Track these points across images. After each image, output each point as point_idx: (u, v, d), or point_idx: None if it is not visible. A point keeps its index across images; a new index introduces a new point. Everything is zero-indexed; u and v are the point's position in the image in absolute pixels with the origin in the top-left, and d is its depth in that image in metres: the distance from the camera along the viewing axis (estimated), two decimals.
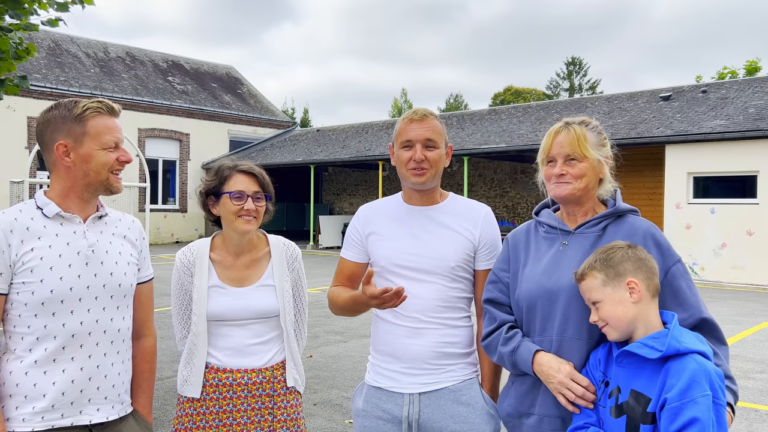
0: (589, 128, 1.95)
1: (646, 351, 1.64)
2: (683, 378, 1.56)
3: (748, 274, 13.12)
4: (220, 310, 2.21)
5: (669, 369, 1.61)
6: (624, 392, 1.68)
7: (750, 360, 6.73)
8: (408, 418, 2.09)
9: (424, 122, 2.13)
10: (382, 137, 21.87)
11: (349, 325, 8.35)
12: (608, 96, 19.84)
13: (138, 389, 2.05)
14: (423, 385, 2.10)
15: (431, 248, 2.13)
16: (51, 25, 5.46)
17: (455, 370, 2.13)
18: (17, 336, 1.81)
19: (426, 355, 2.10)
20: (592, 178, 1.91)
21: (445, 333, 2.12)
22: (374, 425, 2.15)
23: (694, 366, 1.58)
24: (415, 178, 2.12)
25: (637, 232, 1.86)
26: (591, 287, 1.74)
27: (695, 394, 1.54)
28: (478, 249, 2.16)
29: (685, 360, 1.60)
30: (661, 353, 1.61)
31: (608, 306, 1.71)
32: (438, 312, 2.12)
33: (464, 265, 2.14)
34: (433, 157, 2.12)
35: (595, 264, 1.75)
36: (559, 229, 1.96)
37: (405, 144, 2.14)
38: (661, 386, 1.61)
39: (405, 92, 57.83)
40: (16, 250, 1.78)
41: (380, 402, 2.15)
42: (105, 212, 1.97)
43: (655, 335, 1.67)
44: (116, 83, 22.85)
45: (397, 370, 2.14)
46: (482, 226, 2.18)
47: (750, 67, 30.44)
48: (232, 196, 2.20)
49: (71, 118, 1.85)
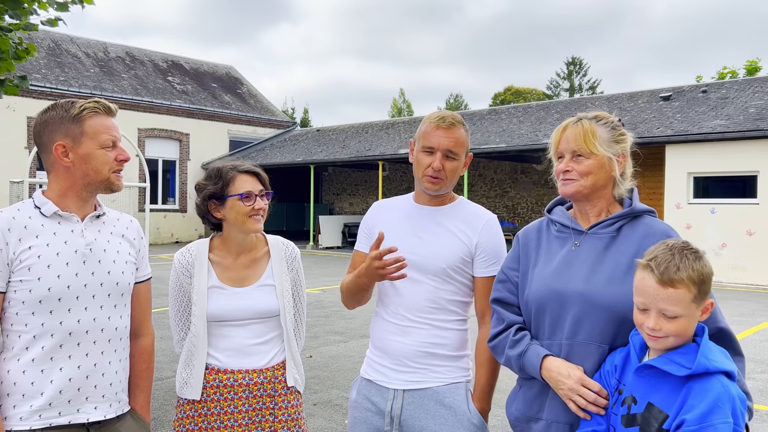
0: (601, 123, 1.85)
1: (673, 368, 1.54)
2: (706, 401, 1.47)
3: (748, 274, 13.11)
4: (220, 311, 2.21)
5: (692, 388, 1.51)
6: (640, 403, 1.61)
7: (750, 360, 6.72)
8: (390, 413, 2.11)
9: (450, 131, 2.11)
10: (382, 137, 21.86)
11: (349, 325, 8.35)
12: (608, 96, 19.84)
13: (136, 388, 2.05)
14: (407, 383, 2.12)
15: (425, 247, 2.14)
16: (50, 25, 5.46)
17: (442, 372, 2.12)
18: (15, 334, 1.80)
19: (411, 353, 2.11)
20: (600, 176, 1.83)
21: (433, 334, 2.11)
22: (363, 416, 2.18)
23: (719, 390, 1.48)
24: (429, 185, 2.13)
25: (654, 234, 1.78)
26: (680, 299, 1.55)
27: (716, 420, 1.46)
28: (475, 255, 2.14)
29: (711, 381, 1.50)
30: (689, 371, 1.51)
31: (685, 323, 1.57)
32: (426, 312, 2.12)
33: (457, 268, 2.13)
34: (452, 167, 2.12)
35: (692, 274, 1.56)
36: (571, 228, 1.89)
37: (427, 149, 2.12)
38: (681, 404, 1.52)
39: (403, 92, 57.88)
40: (13, 248, 1.78)
41: (369, 394, 2.18)
42: (103, 211, 1.97)
43: (682, 351, 1.57)
44: (116, 83, 22.85)
45: (385, 365, 2.16)
46: (481, 233, 2.15)
47: (750, 67, 30.44)
48: (243, 197, 2.19)
49: (69, 118, 1.85)
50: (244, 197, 2.19)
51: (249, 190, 2.20)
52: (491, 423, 4.53)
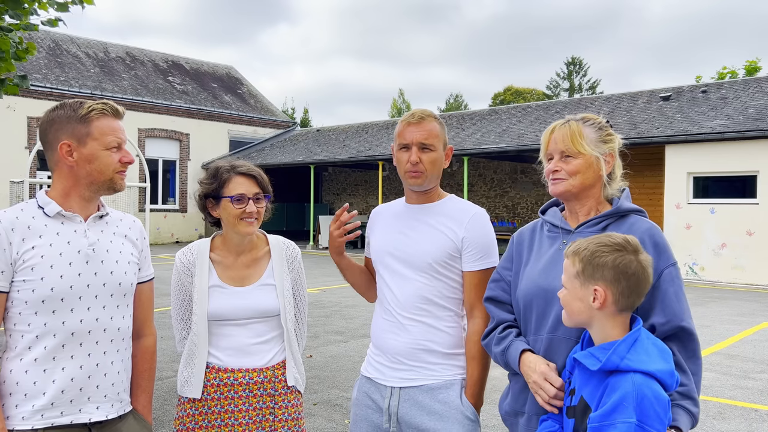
0: (588, 124, 1.92)
1: (590, 362, 1.60)
2: (612, 398, 1.50)
3: (748, 274, 13.12)
4: (221, 310, 2.21)
5: (608, 384, 1.55)
6: (576, 396, 1.66)
7: (750, 360, 6.73)
8: (388, 410, 2.15)
9: (421, 125, 2.16)
10: (382, 137, 21.87)
11: (349, 325, 8.35)
12: (608, 96, 19.85)
13: (138, 388, 2.05)
14: (402, 380, 2.15)
15: (411, 244, 2.18)
16: (51, 25, 5.46)
17: (437, 370, 2.14)
18: (17, 334, 1.81)
19: (405, 351, 2.14)
20: (588, 176, 1.88)
21: (426, 331, 2.14)
22: (363, 414, 2.21)
23: (628, 388, 1.49)
24: (412, 180, 2.18)
25: (636, 233, 1.81)
26: (566, 269, 1.70)
27: (617, 418, 1.47)
28: (462, 249, 2.16)
29: (623, 379, 1.52)
30: (599, 365, 1.56)
31: (569, 296, 1.68)
32: (418, 309, 2.15)
33: (444, 263, 2.15)
34: (429, 159, 2.15)
35: (583, 252, 1.65)
36: (560, 228, 1.95)
37: (402, 146, 2.19)
38: (599, 399, 1.56)
39: (402, 93, 57.86)
40: (17, 248, 1.78)
41: (369, 392, 2.22)
42: (106, 212, 1.98)
43: (605, 346, 1.61)
44: (116, 83, 22.85)
45: (382, 362, 2.21)
46: (467, 227, 2.16)
47: (750, 67, 30.45)
48: (234, 200, 2.19)
49: (76, 118, 1.85)
50: (235, 200, 2.19)
51: (242, 193, 2.20)
52: (491, 423, 4.53)
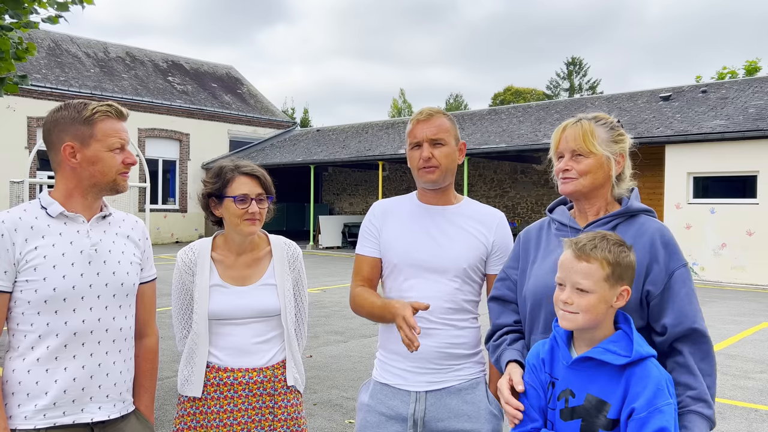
0: (600, 123, 1.90)
1: (611, 357, 1.60)
2: (649, 387, 1.55)
3: (748, 274, 13.13)
4: (222, 309, 2.22)
5: (633, 375, 1.58)
6: (579, 396, 1.64)
7: (750, 360, 6.73)
8: (414, 415, 2.12)
9: (430, 121, 2.17)
10: (382, 137, 21.87)
11: (349, 325, 8.36)
12: (608, 96, 19.85)
13: (140, 388, 2.05)
14: (430, 384, 2.13)
15: (445, 249, 2.15)
16: (51, 23, 5.45)
17: (462, 370, 2.16)
18: (20, 334, 1.82)
19: (433, 355, 2.13)
20: (599, 175, 1.87)
21: (453, 334, 2.14)
22: (376, 420, 2.17)
23: (656, 374, 1.57)
24: (426, 176, 2.16)
25: (646, 232, 1.81)
26: (591, 274, 1.62)
27: (660, 402, 1.54)
28: (490, 253, 2.19)
29: (647, 366, 1.58)
30: (627, 359, 1.58)
31: (594, 301, 1.62)
32: (446, 314, 2.13)
33: (476, 268, 2.17)
34: (441, 154, 2.15)
35: (608, 255, 1.63)
36: (569, 226, 1.93)
37: (414, 144, 2.19)
38: (624, 392, 1.57)
39: (403, 92, 57.90)
40: (20, 248, 1.79)
41: (386, 398, 2.17)
42: (109, 212, 1.98)
43: (614, 339, 1.62)
44: (116, 83, 22.84)
45: (404, 368, 2.16)
46: (497, 231, 2.21)
47: (750, 67, 30.47)
48: (237, 200, 2.19)
49: (80, 120, 1.85)
50: (238, 200, 2.19)
51: (245, 193, 2.20)
52: None
